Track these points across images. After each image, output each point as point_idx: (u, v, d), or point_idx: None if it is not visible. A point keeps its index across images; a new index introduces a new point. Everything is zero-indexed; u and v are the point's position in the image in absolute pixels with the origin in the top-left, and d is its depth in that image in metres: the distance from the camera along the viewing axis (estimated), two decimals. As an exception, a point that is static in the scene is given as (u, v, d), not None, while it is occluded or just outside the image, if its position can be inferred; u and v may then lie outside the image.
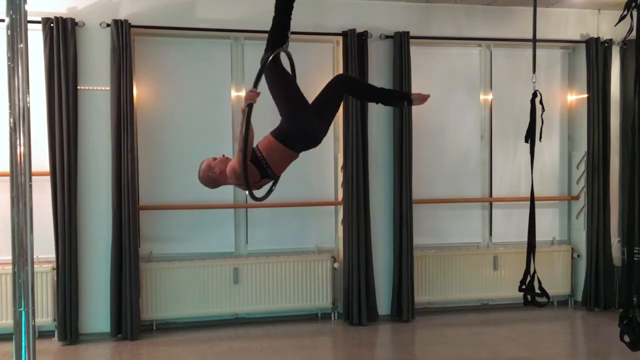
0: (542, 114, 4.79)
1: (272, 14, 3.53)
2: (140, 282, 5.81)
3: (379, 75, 6.31)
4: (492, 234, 6.86)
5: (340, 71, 6.11)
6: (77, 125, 5.65)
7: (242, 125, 3.31)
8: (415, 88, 6.31)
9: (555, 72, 6.98)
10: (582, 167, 6.82)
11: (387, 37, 6.33)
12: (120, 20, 5.65)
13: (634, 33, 3.49)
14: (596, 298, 6.68)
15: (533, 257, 4.74)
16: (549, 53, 6.87)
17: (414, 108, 6.26)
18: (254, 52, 6.07)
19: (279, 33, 3.53)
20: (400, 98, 3.98)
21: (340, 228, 6.32)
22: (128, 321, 5.68)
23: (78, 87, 5.66)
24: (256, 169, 3.47)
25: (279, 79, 3.56)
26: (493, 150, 6.82)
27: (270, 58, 3.43)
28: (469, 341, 5.78)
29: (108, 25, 5.68)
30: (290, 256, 6.29)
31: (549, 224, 6.93)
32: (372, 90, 3.95)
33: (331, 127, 6.39)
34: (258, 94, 3.33)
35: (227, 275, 6.12)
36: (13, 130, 2.04)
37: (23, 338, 2.04)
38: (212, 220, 6.21)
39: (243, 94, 6.20)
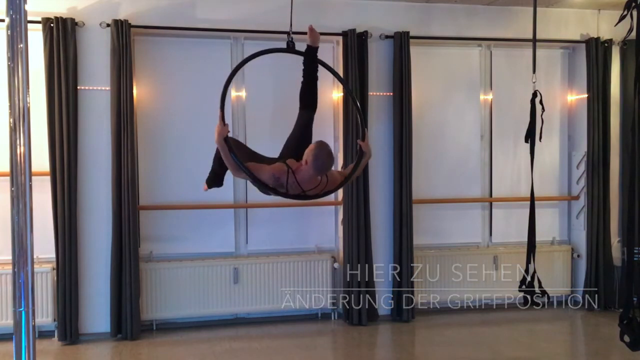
0: (542, 114, 4.80)
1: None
2: (140, 282, 5.81)
3: (378, 75, 6.31)
4: (492, 233, 6.85)
5: (341, 71, 6.09)
6: (77, 125, 5.65)
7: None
8: (416, 88, 6.33)
9: (555, 72, 6.98)
10: (582, 167, 6.81)
11: (387, 37, 6.32)
12: (120, 20, 5.64)
13: (634, 33, 3.49)
14: (596, 298, 6.68)
15: (533, 257, 4.74)
16: (549, 53, 6.87)
17: (414, 108, 6.28)
18: (254, 52, 6.07)
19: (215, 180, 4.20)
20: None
21: (340, 228, 6.32)
22: (128, 321, 5.68)
23: (78, 87, 5.65)
24: None
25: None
26: (493, 150, 6.81)
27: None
28: (469, 341, 5.78)
29: (108, 25, 5.68)
30: (290, 256, 6.28)
31: (549, 224, 6.92)
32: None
33: (331, 127, 6.46)
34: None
35: (227, 275, 6.11)
36: (13, 130, 2.04)
37: (23, 338, 2.05)
38: (212, 220, 6.21)
39: (242, 93, 6.21)
